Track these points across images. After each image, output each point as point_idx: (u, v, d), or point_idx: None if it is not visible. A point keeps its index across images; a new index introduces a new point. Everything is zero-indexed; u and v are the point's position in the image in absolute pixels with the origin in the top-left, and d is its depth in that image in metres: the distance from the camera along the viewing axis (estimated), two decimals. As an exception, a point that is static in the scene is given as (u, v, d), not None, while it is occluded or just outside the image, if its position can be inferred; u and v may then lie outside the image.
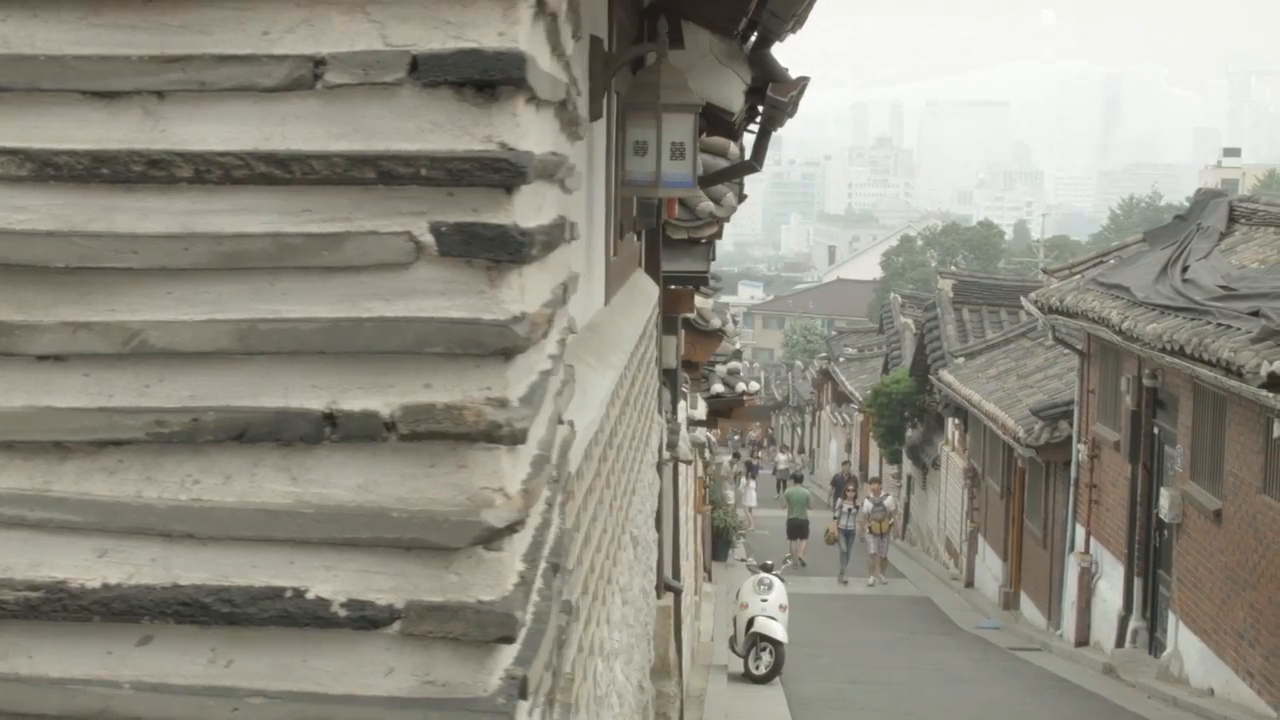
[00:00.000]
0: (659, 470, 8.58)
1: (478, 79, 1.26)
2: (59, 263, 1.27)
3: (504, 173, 1.25)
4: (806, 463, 45.48)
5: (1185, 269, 15.12)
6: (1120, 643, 16.41)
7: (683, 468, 16.30)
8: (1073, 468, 18.90)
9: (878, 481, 29.10)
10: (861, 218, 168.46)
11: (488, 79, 1.25)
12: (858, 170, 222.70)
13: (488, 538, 1.27)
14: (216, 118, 1.28)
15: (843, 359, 43.90)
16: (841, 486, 28.52)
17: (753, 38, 7.59)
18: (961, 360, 25.79)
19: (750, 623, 15.11)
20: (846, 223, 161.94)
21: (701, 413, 16.62)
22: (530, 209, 1.34)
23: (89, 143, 1.28)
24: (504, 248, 1.26)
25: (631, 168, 5.09)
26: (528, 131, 1.30)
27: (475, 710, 1.26)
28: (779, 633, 14.95)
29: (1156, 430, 16.00)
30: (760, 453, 49.07)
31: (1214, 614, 13.56)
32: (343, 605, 1.27)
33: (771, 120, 8.84)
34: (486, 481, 1.28)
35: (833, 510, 28.19)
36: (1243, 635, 12.70)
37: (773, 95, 7.90)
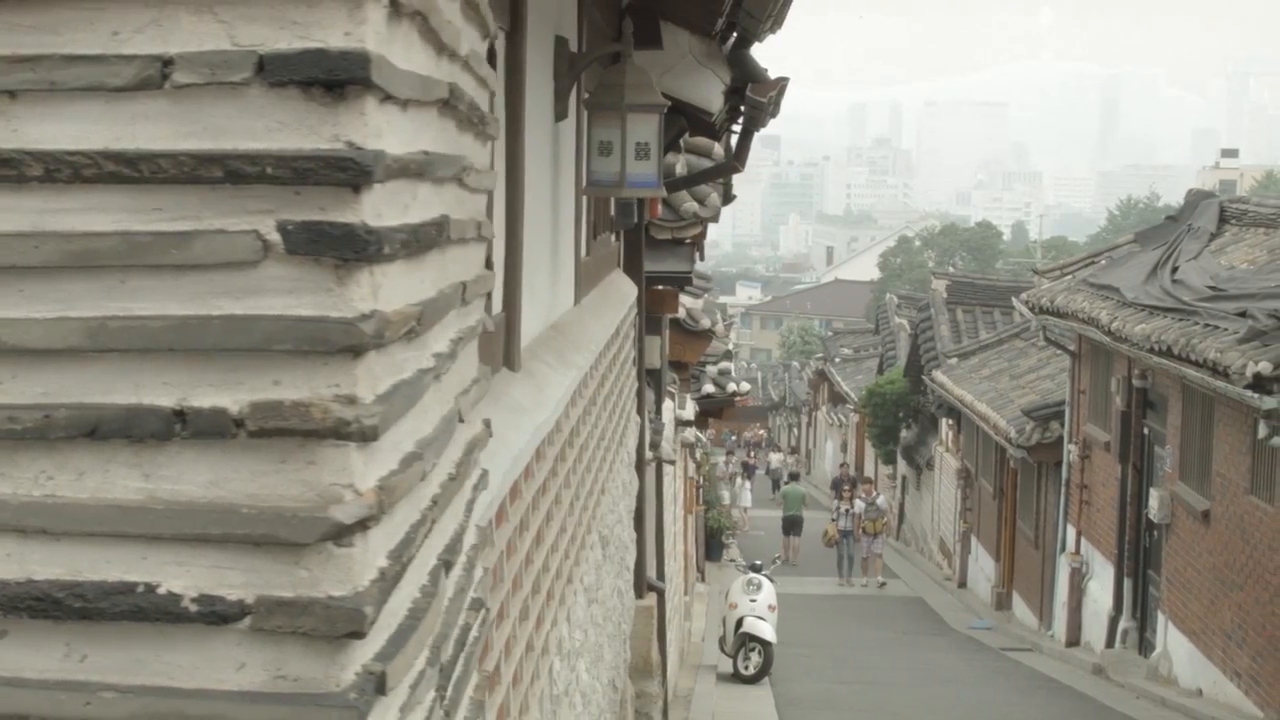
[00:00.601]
0: (638, 470, 8.58)
1: (324, 79, 1.27)
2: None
3: (350, 171, 1.27)
4: (801, 462, 45.44)
5: (1175, 269, 15.13)
6: (1110, 643, 16.42)
7: (672, 468, 16.33)
8: (1064, 468, 18.91)
9: (870, 482, 29.07)
10: (860, 218, 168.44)
11: (334, 79, 1.27)
12: (856, 171, 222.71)
13: (336, 534, 1.28)
14: (67, 117, 1.29)
15: (838, 359, 43.88)
16: (840, 488, 28.47)
17: (732, 38, 7.61)
18: (955, 361, 25.79)
19: (739, 623, 15.13)
20: (845, 223, 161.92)
21: (690, 413, 16.60)
22: (391, 207, 1.35)
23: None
24: (350, 246, 1.28)
25: (596, 168, 5.09)
26: (382, 131, 1.31)
27: (326, 705, 1.27)
28: (767, 633, 14.97)
29: (1146, 431, 16.01)
30: (755, 453, 49.01)
31: (1202, 614, 13.57)
32: (194, 600, 1.29)
33: (753, 121, 8.84)
34: (335, 478, 1.29)
35: (831, 512, 28.17)
36: (1230, 636, 12.72)
37: (752, 95, 7.91)
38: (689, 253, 11.24)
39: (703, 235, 13.40)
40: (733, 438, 53.32)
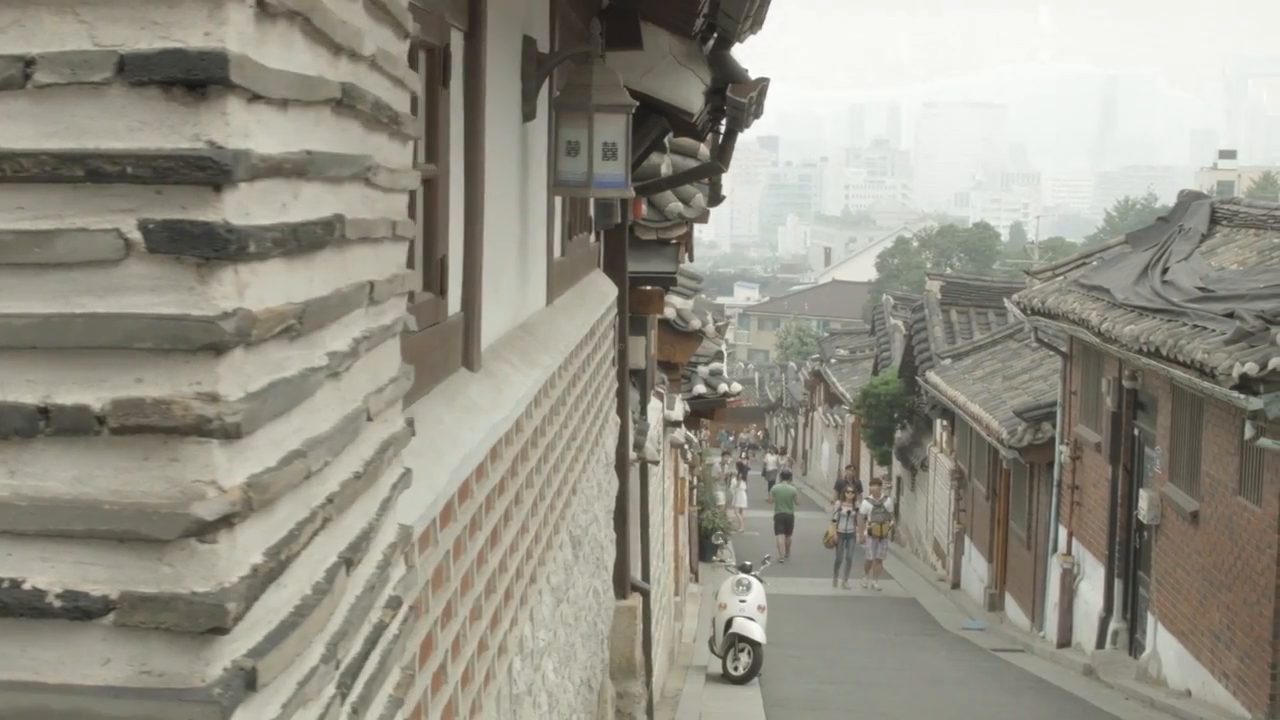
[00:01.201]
0: (619, 471, 8.59)
1: (183, 79, 1.28)
2: None
3: (209, 170, 1.28)
4: (792, 463, 45.42)
5: (1165, 270, 15.13)
6: (1101, 644, 16.42)
7: (664, 469, 16.33)
8: (1055, 469, 18.91)
9: (877, 483, 28.86)
10: (858, 219, 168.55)
11: (193, 79, 1.28)
12: (855, 172, 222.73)
13: (199, 530, 1.29)
14: (-68, 116, 1.30)
15: (834, 360, 43.87)
16: (844, 490, 28.35)
17: (712, 39, 7.61)
18: (948, 362, 25.79)
19: (729, 623, 15.13)
20: (843, 224, 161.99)
21: (679, 413, 16.60)
22: (263, 206, 1.37)
23: None
24: (210, 245, 1.29)
25: (564, 168, 5.10)
26: (249, 130, 1.32)
27: (188, 700, 1.28)
28: (757, 633, 14.97)
29: (1137, 432, 16.01)
30: (750, 454, 48.96)
31: (1191, 615, 13.58)
32: (58, 596, 1.30)
33: (736, 121, 8.84)
34: (198, 475, 1.30)
35: (833, 513, 28.11)
36: (1219, 637, 12.72)
37: (732, 96, 7.91)
38: (674, 253, 11.23)
39: (690, 235, 13.41)
40: (730, 438, 53.27)
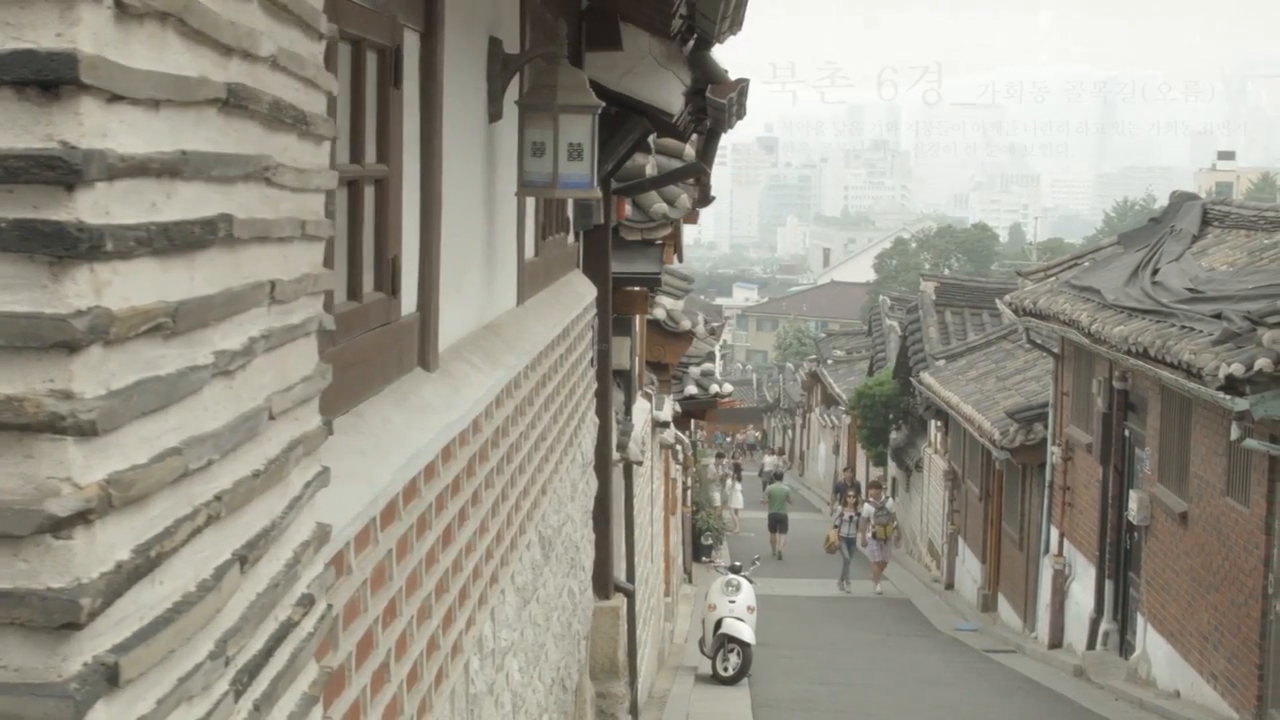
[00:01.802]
0: (599, 472, 8.59)
1: (34, 79, 1.29)
2: None
3: (59, 170, 1.29)
4: (786, 463, 45.45)
5: (1156, 271, 15.13)
6: (1091, 645, 16.42)
7: (654, 469, 16.33)
8: (1047, 470, 18.91)
9: (877, 487, 28.75)
10: (858, 220, 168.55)
11: (44, 79, 1.29)
12: (854, 173, 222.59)
13: (53, 526, 1.29)
14: None
15: (831, 361, 43.88)
16: (844, 493, 28.26)
17: (692, 40, 7.61)
18: (942, 363, 25.79)
19: (718, 624, 15.13)
20: (843, 225, 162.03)
21: (668, 414, 16.60)
22: (128, 205, 1.38)
23: None
24: (61, 243, 1.29)
25: (530, 169, 5.10)
26: (108, 130, 1.33)
27: (42, 695, 1.29)
28: (746, 634, 14.97)
29: (1127, 433, 16.01)
30: (745, 454, 48.95)
31: (1180, 616, 13.58)
32: None
33: (719, 122, 8.86)
34: (52, 471, 1.31)
35: (833, 518, 28.03)
36: (1207, 637, 12.72)
37: (712, 97, 7.92)
38: (658, 254, 11.23)
39: (678, 236, 13.41)
40: (728, 439, 53.23)
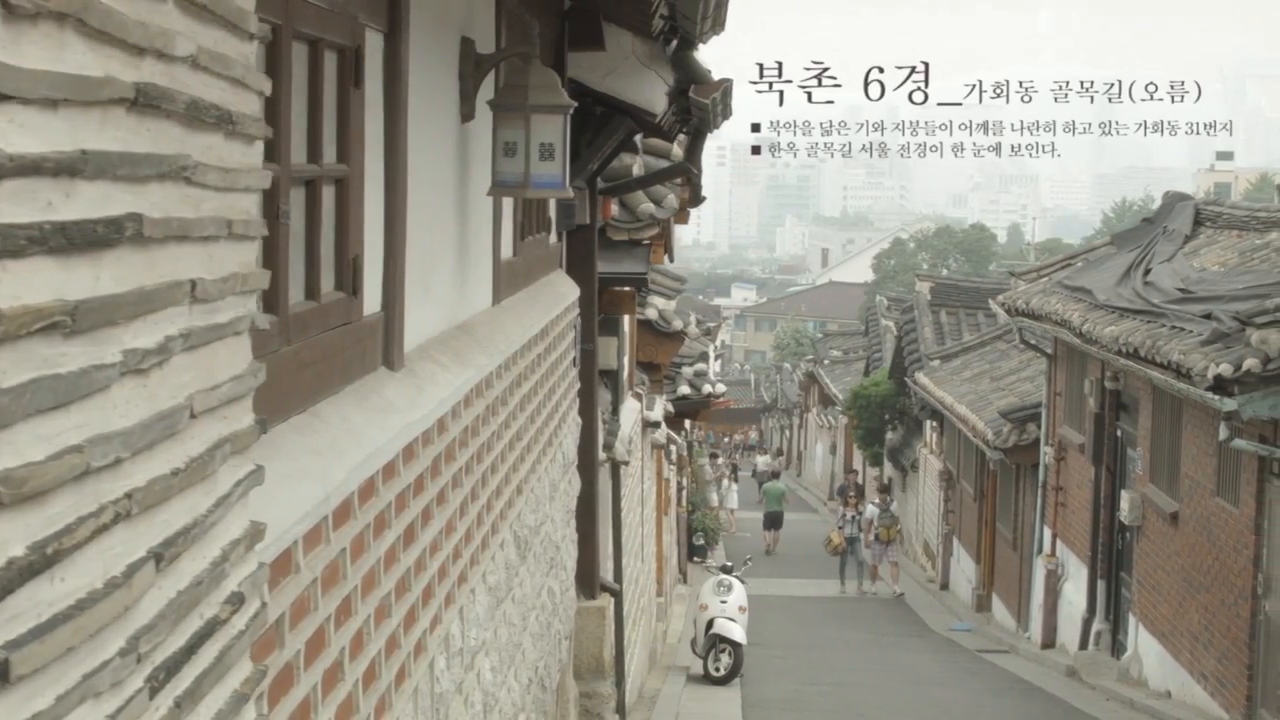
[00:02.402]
0: (583, 472, 8.56)
1: None
2: None
3: None
4: (781, 464, 45.50)
5: (1148, 272, 15.13)
6: (1084, 645, 16.41)
7: (645, 469, 16.31)
8: (1040, 470, 18.91)
9: (885, 490, 28.64)
10: (856, 220, 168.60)
11: None
12: (853, 173, 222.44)
13: None
14: None
15: (827, 361, 43.89)
16: (846, 495, 28.22)
17: (675, 40, 7.59)
18: (937, 363, 25.79)
19: (710, 624, 15.12)
20: (841, 225, 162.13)
21: (659, 414, 16.58)
22: (19, 205, 1.38)
23: None
24: None
25: (501, 169, 5.09)
26: None
27: None
28: (738, 634, 14.96)
29: (1119, 433, 16.01)
30: (741, 454, 48.95)
31: (1171, 616, 13.57)
32: None
33: (704, 122, 8.84)
34: None
35: (836, 519, 28.01)
36: (1197, 638, 12.71)
37: (695, 97, 7.90)
38: (645, 254, 11.19)
39: (668, 236, 13.39)
40: (726, 439, 53.19)
